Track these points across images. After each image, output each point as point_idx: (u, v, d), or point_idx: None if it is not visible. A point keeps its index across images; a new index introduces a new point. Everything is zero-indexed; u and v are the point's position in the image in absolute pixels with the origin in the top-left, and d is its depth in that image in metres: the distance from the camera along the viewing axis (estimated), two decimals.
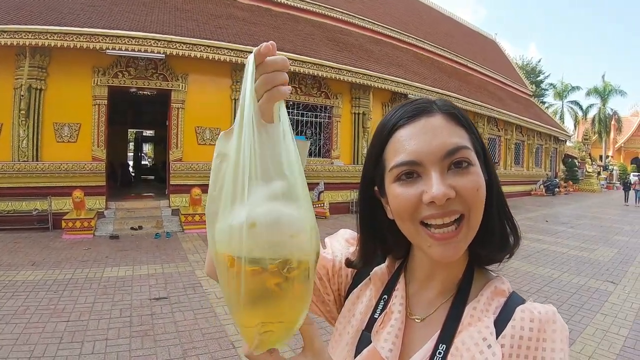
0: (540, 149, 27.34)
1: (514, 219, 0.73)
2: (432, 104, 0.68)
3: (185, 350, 3.82)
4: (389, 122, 0.69)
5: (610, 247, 9.62)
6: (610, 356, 4.04)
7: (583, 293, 6.03)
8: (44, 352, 3.65)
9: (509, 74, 29.31)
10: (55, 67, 9.41)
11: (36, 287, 5.38)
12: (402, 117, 0.67)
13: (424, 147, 0.63)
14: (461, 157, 0.63)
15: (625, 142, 48.30)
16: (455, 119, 0.67)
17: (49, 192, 9.18)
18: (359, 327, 0.76)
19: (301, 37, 13.46)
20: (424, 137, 0.64)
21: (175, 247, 8.03)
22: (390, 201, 0.68)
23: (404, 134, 0.66)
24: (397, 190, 0.65)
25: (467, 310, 0.68)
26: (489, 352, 0.61)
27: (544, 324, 0.63)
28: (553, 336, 0.62)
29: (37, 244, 7.77)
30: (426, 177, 0.63)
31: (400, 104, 0.71)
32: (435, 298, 0.73)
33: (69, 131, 9.62)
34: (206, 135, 11.14)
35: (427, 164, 0.63)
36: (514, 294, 0.70)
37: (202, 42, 9.96)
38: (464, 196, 0.62)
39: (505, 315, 0.66)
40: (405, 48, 19.66)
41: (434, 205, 0.61)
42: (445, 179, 0.62)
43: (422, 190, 0.62)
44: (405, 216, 0.65)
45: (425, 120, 0.66)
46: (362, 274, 0.83)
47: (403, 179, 0.65)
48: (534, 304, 0.67)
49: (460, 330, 0.67)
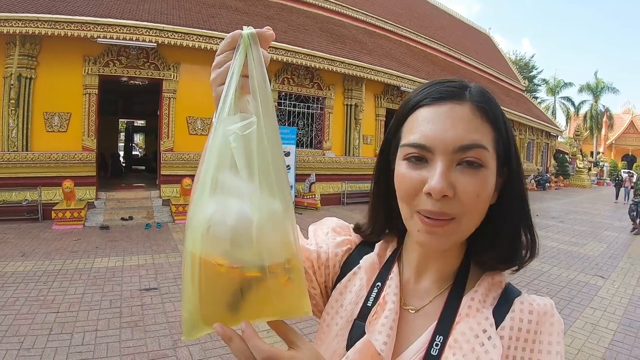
0: (531, 143, 27.52)
1: (535, 233, 0.69)
2: (465, 90, 0.65)
3: (175, 341, 3.82)
4: (415, 96, 0.67)
5: (600, 242, 9.74)
6: (599, 349, 4.10)
7: (573, 287, 6.11)
8: (34, 344, 3.64)
9: (502, 69, 29.39)
10: (46, 56, 9.28)
11: (26, 278, 5.34)
12: (429, 96, 0.64)
13: (438, 134, 0.60)
14: (474, 156, 0.60)
15: (617, 139, 48.67)
16: (484, 114, 0.63)
17: (39, 183, 9.11)
18: (349, 317, 0.73)
19: (294, 27, 13.38)
20: (442, 124, 0.61)
21: (165, 238, 8.00)
22: (396, 178, 0.66)
23: (424, 115, 0.63)
24: (403, 170, 0.64)
25: (465, 301, 0.67)
26: (489, 343, 0.61)
27: (542, 317, 0.64)
28: (550, 329, 0.63)
29: (26, 235, 7.71)
30: (433, 165, 0.61)
31: (435, 80, 0.68)
32: (430, 289, 0.72)
33: (59, 121, 9.51)
34: (197, 126, 11.08)
35: (437, 152, 0.60)
36: (510, 285, 0.71)
37: (194, 31, 9.87)
38: (462, 198, 0.60)
39: (503, 307, 0.66)
40: (399, 40, 19.62)
41: (430, 199, 0.60)
42: (449, 174, 0.60)
43: (426, 177, 0.61)
44: (404, 199, 0.64)
45: (451, 107, 0.62)
46: (350, 264, 0.80)
47: (412, 160, 0.63)
48: (532, 296, 0.67)
49: (457, 321, 0.65)
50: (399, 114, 0.69)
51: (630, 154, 48.05)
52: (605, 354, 4.00)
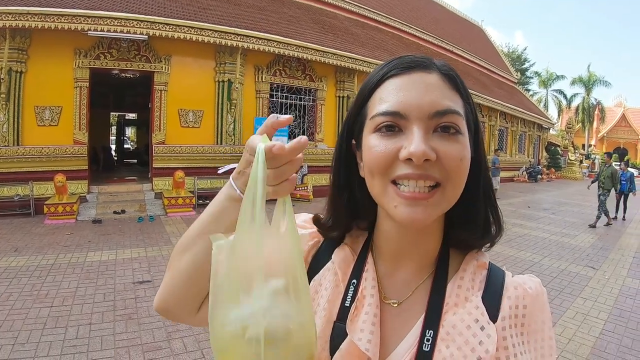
0: (523, 136, 27.64)
1: (498, 208, 0.70)
2: (430, 60, 0.64)
3: (169, 333, 3.84)
4: (380, 70, 0.64)
5: (591, 233, 9.84)
6: (589, 339, 4.16)
7: (564, 277, 6.17)
8: (28, 338, 3.63)
9: (494, 61, 29.42)
10: (36, 49, 9.16)
11: (19, 273, 5.32)
12: (395, 68, 0.62)
13: (413, 100, 0.58)
14: (450, 121, 0.59)
15: (608, 132, 48.98)
16: (453, 83, 0.62)
17: (31, 177, 9.04)
18: (328, 318, 0.68)
19: (286, 19, 13.31)
20: (415, 90, 0.59)
21: (158, 231, 8.00)
22: (365, 153, 0.63)
23: (394, 84, 0.61)
24: (374, 142, 0.60)
25: (451, 289, 0.66)
26: (482, 334, 0.60)
27: (535, 299, 0.65)
28: (543, 307, 0.66)
29: (19, 230, 7.67)
30: (408, 132, 0.58)
31: (395, 56, 0.65)
32: (410, 279, 0.69)
33: (50, 114, 9.43)
34: (189, 118, 11.04)
35: (412, 119, 0.58)
36: (492, 265, 0.70)
37: (186, 23, 9.80)
38: (444, 163, 0.57)
39: (491, 291, 0.65)
40: (391, 32, 19.58)
41: (410, 164, 0.57)
42: (428, 139, 0.57)
43: (401, 145, 0.58)
44: (377, 171, 0.60)
45: (420, 75, 0.61)
46: (321, 259, 0.75)
47: (383, 131, 0.60)
48: (522, 279, 0.68)
49: (445, 311, 0.64)
50: (362, 92, 0.66)
51: (621, 147, 48.41)
52: (596, 344, 4.05)
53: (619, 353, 3.88)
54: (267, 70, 12.21)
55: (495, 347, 0.59)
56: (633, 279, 6.26)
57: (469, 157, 0.61)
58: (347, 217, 0.73)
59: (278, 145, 0.53)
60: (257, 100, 12.15)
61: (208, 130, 11.32)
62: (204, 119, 11.23)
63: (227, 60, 11.20)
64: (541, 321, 0.64)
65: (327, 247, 0.76)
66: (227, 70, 11.24)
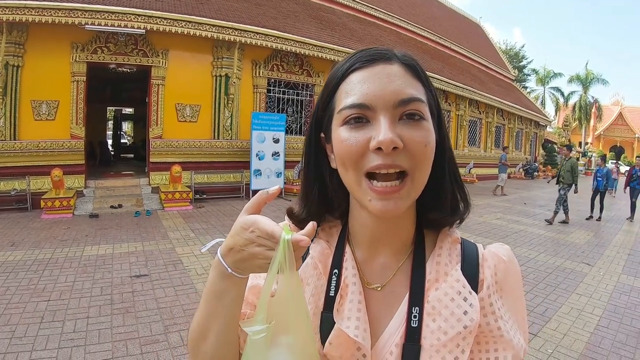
0: (520, 133, 27.71)
1: (464, 185, 0.73)
2: (391, 52, 0.66)
3: (166, 327, 3.85)
4: (344, 64, 0.67)
5: (587, 230, 9.88)
6: (584, 334, 4.18)
7: (559, 273, 6.21)
8: (26, 332, 3.63)
9: (492, 58, 29.44)
10: (33, 43, 9.11)
11: (16, 267, 5.31)
12: (358, 61, 0.65)
13: (377, 92, 0.61)
14: (414, 109, 0.61)
15: (605, 130, 49.13)
16: (414, 72, 0.65)
17: (28, 172, 9.00)
18: (315, 311, 0.70)
19: (284, 14, 13.28)
20: (379, 81, 0.62)
21: (155, 225, 8.00)
22: (336, 146, 0.65)
23: (358, 77, 0.63)
24: (344, 135, 0.62)
25: (430, 266, 0.70)
26: (466, 304, 0.64)
27: (509, 265, 0.71)
28: (516, 271, 0.72)
29: (16, 225, 7.65)
30: (375, 122, 0.61)
31: (357, 50, 0.68)
32: (389, 262, 0.72)
33: (47, 109, 9.39)
34: (186, 112, 11.02)
35: (378, 109, 0.60)
36: (464, 239, 0.75)
37: (183, 17, 9.75)
38: (411, 150, 0.60)
39: (469, 263, 0.70)
40: (389, 28, 19.58)
41: (380, 154, 0.59)
42: (394, 128, 0.60)
43: (370, 136, 0.60)
44: (349, 163, 0.63)
45: (383, 67, 0.63)
46: None
47: (351, 123, 0.62)
48: (495, 247, 0.73)
49: (428, 287, 0.68)
50: (328, 86, 0.69)
51: (618, 145, 48.57)
52: (591, 339, 4.08)
53: (613, 348, 3.92)
54: (265, 65, 12.19)
55: (479, 315, 0.64)
56: (628, 275, 6.30)
57: (433, 142, 0.64)
58: (320, 208, 0.75)
59: (306, 241, 0.56)
60: (255, 95, 12.13)
61: (205, 125, 11.31)
62: (201, 114, 11.21)
63: (224, 54, 11.18)
64: (514, 282, 0.71)
65: None
66: (225, 65, 11.22)
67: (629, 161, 44.36)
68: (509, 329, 0.66)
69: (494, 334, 0.65)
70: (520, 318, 0.70)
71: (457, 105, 19.85)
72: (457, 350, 0.63)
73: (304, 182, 0.76)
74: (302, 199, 0.76)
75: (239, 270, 0.62)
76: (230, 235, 0.63)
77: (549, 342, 3.97)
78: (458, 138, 20.29)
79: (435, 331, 0.64)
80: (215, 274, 0.65)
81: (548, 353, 3.74)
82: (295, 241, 0.55)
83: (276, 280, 0.57)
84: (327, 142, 0.71)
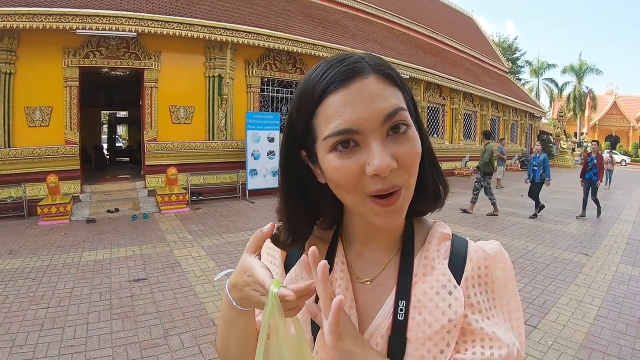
0: (515, 125, 27.77)
1: (441, 171, 0.74)
2: (363, 62, 0.63)
3: (166, 330, 3.85)
4: (318, 84, 0.63)
5: (584, 220, 9.91)
6: (584, 325, 4.20)
7: (557, 264, 6.23)
8: (26, 340, 3.63)
9: (485, 51, 29.46)
10: (25, 50, 9.05)
11: (14, 275, 5.30)
12: (333, 81, 0.61)
13: (362, 114, 0.59)
14: (399, 119, 0.60)
15: (600, 119, 49.26)
16: (390, 79, 0.64)
17: (23, 179, 8.95)
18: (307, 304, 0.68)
19: (275, 12, 13.25)
20: (360, 103, 0.59)
21: (152, 228, 7.98)
22: (329, 173, 0.63)
23: (337, 100, 0.60)
24: (336, 163, 0.61)
25: (418, 261, 0.71)
26: (451, 298, 0.65)
27: (495, 259, 0.70)
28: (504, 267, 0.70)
29: (13, 232, 7.62)
30: (366, 146, 0.60)
31: (327, 62, 0.66)
32: (379, 257, 0.73)
33: (41, 115, 9.34)
34: (180, 114, 10.97)
35: (366, 132, 0.59)
36: (455, 235, 0.75)
37: (175, 19, 9.71)
38: (404, 165, 0.61)
39: (456, 258, 0.70)
40: (381, 24, 19.55)
41: (378, 179, 0.59)
42: (386, 148, 0.59)
43: (364, 161, 0.59)
44: (348, 188, 0.62)
45: (360, 84, 0.61)
46: (292, 260, 0.78)
47: (340, 149, 0.60)
48: (483, 243, 0.73)
49: (415, 281, 0.68)
50: (304, 107, 0.65)
51: (613, 135, 48.72)
52: (590, 329, 4.10)
53: (612, 338, 3.93)
54: (258, 64, 12.16)
55: (463, 308, 0.65)
56: (626, 265, 6.33)
57: (420, 146, 0.64)
58: (307, 227, 0.75)
59: (291, 296, 0.57)
60: (248, 95, 12.10)
61: (199, 126, 11.27)
62: (195, 115, 11.17)
63: (217, 55, 11.14)
64: (504, 278, 0.70)
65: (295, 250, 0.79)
66: (217, 66, 11.18)
67: (624, 150, 44.59)
68: (493, 324, 0.66)
69: (472, 327, 0.65)
70: (515, 318, 0.70)
71: (451, 99, 19.84)
72: (442, 343, 0.64)
73: (285, 203, 0.73)
74: (285, 223, 0.73)
75: (242, 304, 0.68)
76: (235, 272, 0.68)
77: (548, 333, 3.98)
78: (453, 132, 20.29)
79: (421, 324, 0.65)
80: (225, 302, 0.71)
81: (548, 345, 3.76)
82: (281, 296, 0.57)
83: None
84: (311, 162, 0.69)
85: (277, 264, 0.80)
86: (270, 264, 0.80)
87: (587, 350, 3.69)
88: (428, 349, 0.64)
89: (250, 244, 0.69)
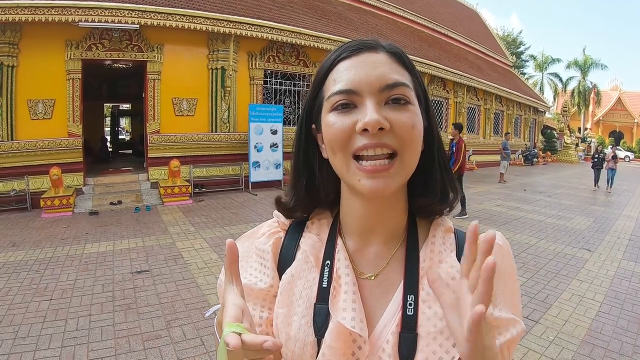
0: (519, 119, 27.68)
1: (453, 176, 0.75)
2: (377, 42, 0.69)
3: (168, 322, 3.86)
4: (332, 55, 0.70)
5: (587, 216, 9.88)
6: (586, 320, 4.20)
7: (560, 259, 6.22)
8: (29, 332, 3.64)
9: (490, 45, 29.28)
10: (27, 43, 9.02)
11: (17, 267, 5.32)
12: (345, 51, 0.68)
13: (363, 77, 0.63)
14: (400, 93, 0.63)
15: (604, 115, 48.96)
16: (399, 59, 0.68)
17: (26, 172, 8.98)
18: (307, 304, 0.70)
19: (279, 4, 13.18)
20: (364, 68, 0.64)
21: (155, 220, 8.00)
22: (324, 131, 0.67)
23: (345, 65, 0.66)
24: (332, 119, 0.65)
25: (424, 254, 0.70)
26: None
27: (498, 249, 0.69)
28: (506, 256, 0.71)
29: (16, 225, 7.65)
30: (362, 107, 0.63)
31: (344, 43, 0.71)
32: (382, 251, 0.73)
33: (44, 108, 9.34)
34: (183, 106, 10.97)
35: (364, 94, 0.63)
36: (456, 229, 0.76)
37: (177, 11, 9.68)
38: (398, 131, 0.62)
39: (462, 250, 0.68)
40: (385, 16, 19.44)
41: (367, 135, 0.61)
42: (380, 110, 0.62)
43: (357, 119, 0.62)
44: (337, 146, 0.64)
45: (368, 55, 0.66)
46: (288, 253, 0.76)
47: (339, 109, 0.64)
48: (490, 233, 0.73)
49: (422, 275, 0.68)
50: (317, 78, 0.71)
51: (617, 130, 48.48)
52: (592, 325, 4.09)
53: (614, 334, 3.93)
54: (261, 56, 12.13)
55: None
56: (628, 261, 6.32)
57: (421, 125, 0.66)
58: (307, 199, 0.77)
59: (233, 344, 0.47)
60: (251, 87, 12.07)
61: (202, 119, 11.27)
62: (198, 107, 11.16)
63: (220, 47, 11.11)
64: (504, 266, 0.70)
65: (289, 241, 0.78)
66: (220, 58, 11.15)
67: (628, 146, 44.40)
68: (501, 308, 0.67)
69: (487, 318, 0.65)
70: (517, 302, 0.72)
71: (455, 92, 19.76)
72: None
73: (293, 173, 0.78)
74: (291, 188, 0.78)
75: None
76: (219, 307, 0.62)
77: (550, 328, 3.98)
78: None
79: (432, 318, 0.64)
80: (217, 336, 0.67)
81: (549, 340, 3.76)
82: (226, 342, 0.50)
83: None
84: (317, 132, 0.72)
85: (268, 266, 0.76)
86: (261, 266, 0.77)
87: (588, 346, 3.69)
88: (440, 343, 0.63)
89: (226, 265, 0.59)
